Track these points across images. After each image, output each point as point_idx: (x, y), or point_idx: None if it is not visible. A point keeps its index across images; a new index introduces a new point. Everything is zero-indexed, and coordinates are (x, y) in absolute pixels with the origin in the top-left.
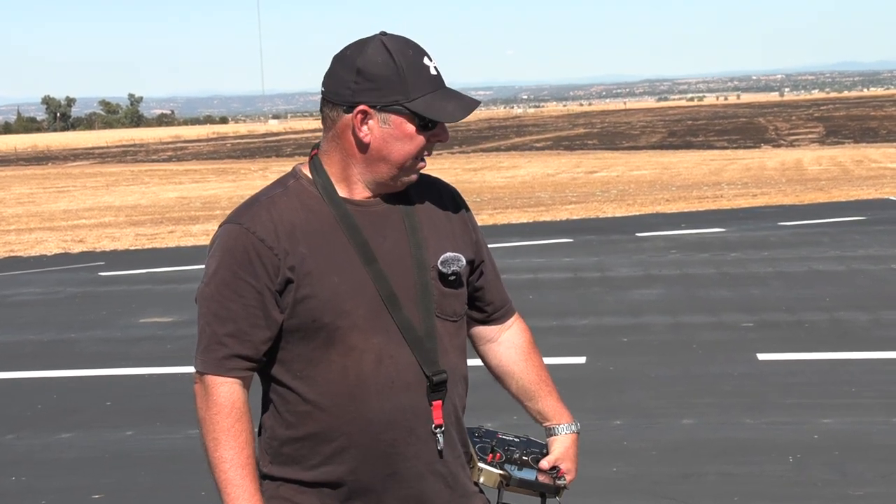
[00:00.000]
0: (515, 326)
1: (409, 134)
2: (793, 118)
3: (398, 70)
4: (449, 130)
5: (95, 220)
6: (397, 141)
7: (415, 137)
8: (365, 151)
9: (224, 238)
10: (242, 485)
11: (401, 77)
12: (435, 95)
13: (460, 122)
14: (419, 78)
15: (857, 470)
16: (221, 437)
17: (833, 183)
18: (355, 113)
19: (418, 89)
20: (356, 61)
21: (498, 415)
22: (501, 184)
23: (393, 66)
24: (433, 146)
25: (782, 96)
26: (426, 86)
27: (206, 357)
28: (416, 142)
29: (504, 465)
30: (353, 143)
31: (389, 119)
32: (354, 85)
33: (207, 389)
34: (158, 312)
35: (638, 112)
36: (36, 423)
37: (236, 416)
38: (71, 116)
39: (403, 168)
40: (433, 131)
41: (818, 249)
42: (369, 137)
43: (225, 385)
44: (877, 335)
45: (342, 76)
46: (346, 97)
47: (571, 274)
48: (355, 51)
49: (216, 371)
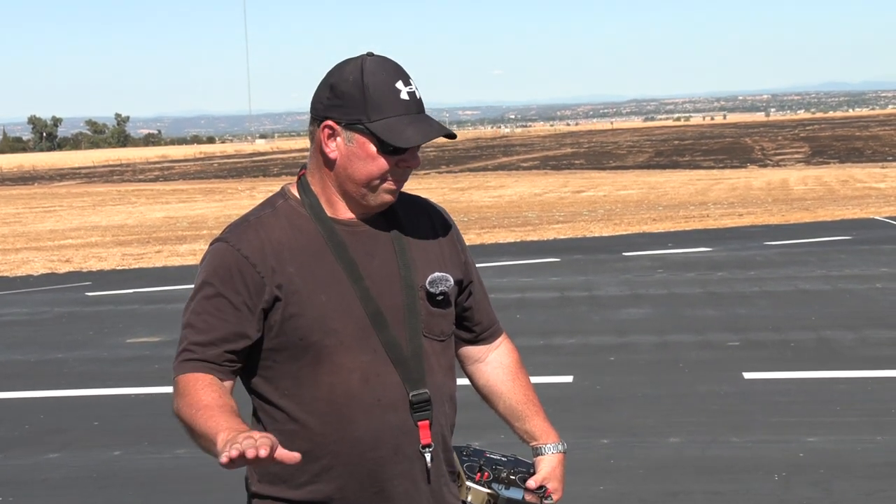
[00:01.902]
0: (503, 346)
1: (371, 155)
2: (779, 138)
3: (364, 90)
4: (438, 149)
5: (82, 239)
6: (360, 160)
7: (377, 159)
8: (332, 168)
9: (211, 255)
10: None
11: (364, 97)
12: (400, 119)
13: (448, 142)
14: (384, 100)
15: (842, 488)
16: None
17: (819, 203)
18: (322, 127)
19: (381, 111)
20: (332, 77)
21: (484, 433)
22: (489, 203)
23: (360, 86)
24: (404, 171)
25: (768, 116)
26: (391, 109)
27: (177, 364)
28: (378, 163)
29: (492, 484)
30: (323, 159)
31: (354, 138)
32: (326, 100)
33: (177, 384)
34: (145, 332)
35: (625, 132)
36: (23, 443)
37: (206, 381)
38: (57, 136)
39: (369, 187)
40: (401, 156)
41: (804, 269)
42: (335, 154)
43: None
44: (862, 354)
45: (320, 92)
46: (319, 111)
47: (558, 293)
48: (337, 68)
49: (184, 371)
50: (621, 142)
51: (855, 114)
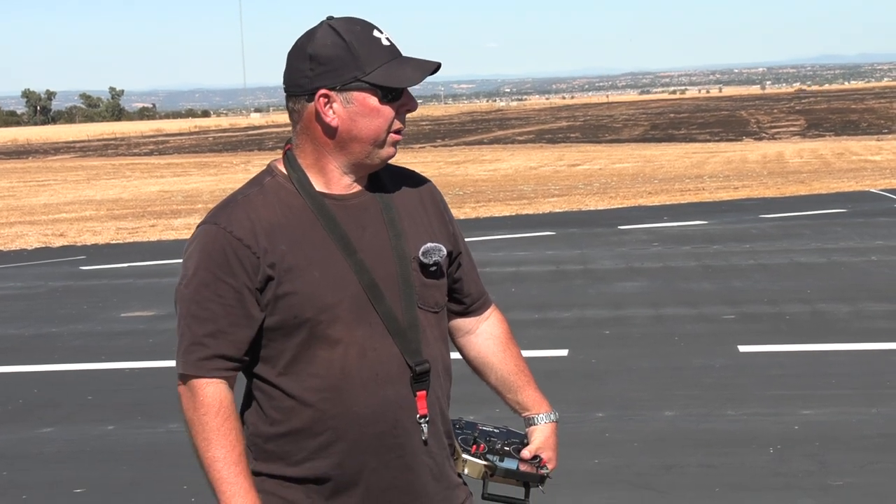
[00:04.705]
0: (493, 318)
1: (375, 108)
2: (774, 111)
3: (349, 47)
4: (433, 123)
5: (76, 213)
6: (364, 118)
7: (381, 110)
8: (334, 136)
9: (201, 238)
10: (237, 482)
11: (353, 54)
12: (391, 64)
13: (443, 115)
14: (371, 50)
15: (837, 460)
16: (212, 437)
17: (814, 175)
18: (317, 98)
19: (373, 62)
20: (307, 49)
21: (479, 407)
22: (484, 177)
23: (343, 45)
24: (404, 116)
25: (764, 89)
26: (380, 57)
27: (188, 359)
28: (383, 114)
29: (487, 455)
30: (321, 130)
31: (351, 97)
32: (310, 72)
33: (193, 391)
34: (140, 306)
35: (620, 105)
36: (17, 417)
37: (224, 414)
38: (51, 110)
39: (377, 143)
40: (400, 101)
41: (799, 242)
42: (336, 121)
43: (210, 385)
44: (857, 327)
45: (297, 67)
46: (304, 86)
47: (554, 267)
48: (305, 40)
49: (198, 372)
50: (617, 115)
51: (851, 86)
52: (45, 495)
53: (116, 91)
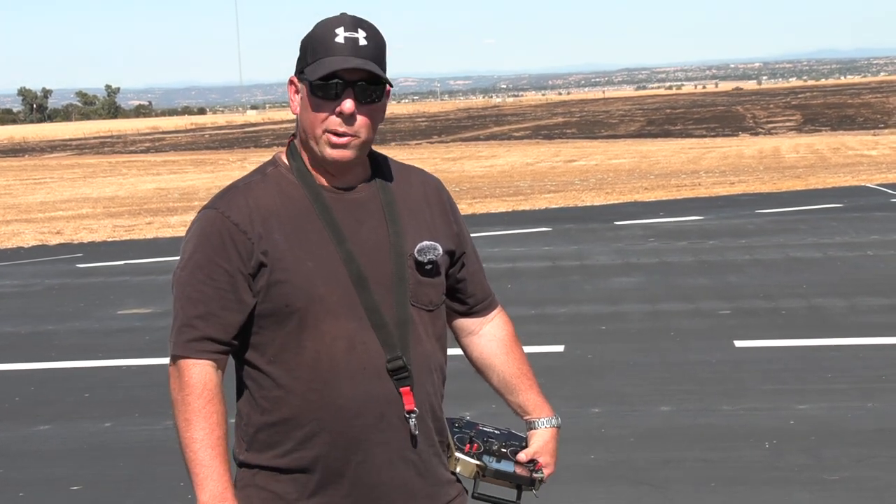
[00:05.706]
0: (497, 319)
1: (308, 101)
2: (770, 106)
3: (309, 41)
4: (429, 119)
5: (73, 211)
6: (304, 110)
7: (312, 104)
8: (298, 125)
9: (200, 223)
10: (212, 465)
11: (307, 47)
12: (327, 59)
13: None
14: (320, 44)
15: (833, 455)
16: (193, 418)
17: (810, 170)
18: (288, 84)
19: (315, 54)
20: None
21: (474, 404)
22: (480, 173)
23: (307, 38)
24: (351, 120)
25: (760, 84)
26: (324, 51)
27: (177, 339)
28: (313, 109)
29: (482, 456)
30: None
31: (302, 88)
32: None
33: (179, 371)
34: (136, 304)
35: (616, 101)
36: (14, 415)
37: (208, 396)
38: (47, 108)
39: (314, 139)
40: (336, 102)
41: (795, 237)
42: (297, 108)
43: (197, 366)
44: (853, 321)
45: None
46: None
47: (550, 262)
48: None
49: (186, 353)
50: (613, 111)
51: (847, 81)
52: (42, 492)
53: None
